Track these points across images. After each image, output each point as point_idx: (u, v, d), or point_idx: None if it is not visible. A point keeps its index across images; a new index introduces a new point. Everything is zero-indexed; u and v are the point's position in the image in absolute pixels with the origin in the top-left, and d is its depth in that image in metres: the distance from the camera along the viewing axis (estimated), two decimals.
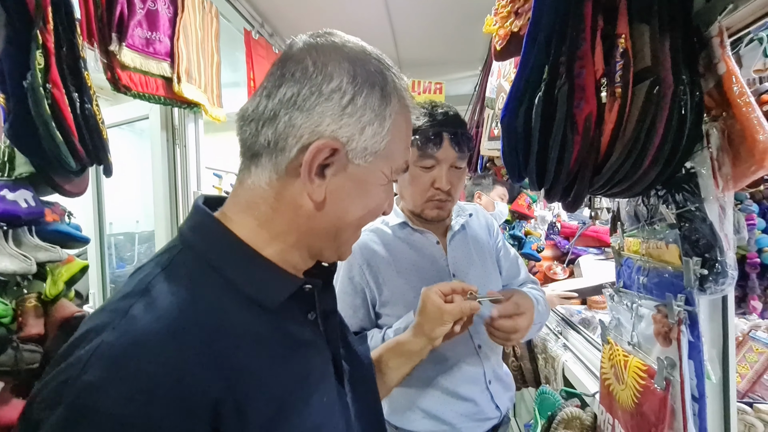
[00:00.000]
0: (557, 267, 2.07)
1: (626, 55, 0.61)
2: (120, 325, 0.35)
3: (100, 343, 0.33)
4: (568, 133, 0.64)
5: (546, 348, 1.50)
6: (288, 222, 0.45)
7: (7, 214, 0.76)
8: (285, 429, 0.40)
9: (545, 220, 2.29)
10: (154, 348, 0.34)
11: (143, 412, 0.31)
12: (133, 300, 0.37)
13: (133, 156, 1.98)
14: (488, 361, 0.92)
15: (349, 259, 0.93)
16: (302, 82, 0.42)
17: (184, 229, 0.45)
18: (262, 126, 0.43)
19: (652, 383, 0.69)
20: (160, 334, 0.35)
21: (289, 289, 0.45)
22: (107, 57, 1.14)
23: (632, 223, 0.84)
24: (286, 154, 0.42)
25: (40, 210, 0.84)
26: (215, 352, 0.37)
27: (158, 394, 0.32)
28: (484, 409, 0.91)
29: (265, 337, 0.42)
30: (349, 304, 0.91)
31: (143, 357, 0.33)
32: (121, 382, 0.31)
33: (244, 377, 0.38)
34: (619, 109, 0.61)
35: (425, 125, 0.88)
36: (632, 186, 0.65)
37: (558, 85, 0.64)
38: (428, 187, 0.89)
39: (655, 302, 0.71)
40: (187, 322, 0.37)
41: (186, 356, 0.34)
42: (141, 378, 0.32)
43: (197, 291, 0.40)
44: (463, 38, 2.26)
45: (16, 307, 0.81)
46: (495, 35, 1.07)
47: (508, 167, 0.77)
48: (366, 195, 0.47)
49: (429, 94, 3.15)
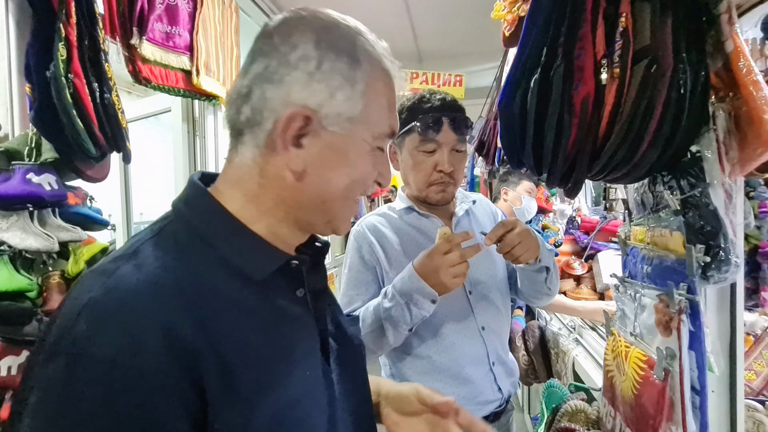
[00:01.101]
0: (575, 262, 2.01)
1: (626, 35, 0.59)
2: (107, 282, 0.36)
3: (89, 299, 0.35)
4: (564, 115, 0.63)
5: (558, 343, 1.47)
6: (274, 196, 0.45)
7: (33, 196, 0.82)
8: (266, 397, 0.41)
9: (564, 214, 2.23)
10: (138, 302, 0.35)
11: (131, 355, 0.33)
12: (122, 262, 0.39)
13: (159, 147, 2.08)
14: (492, 343, 0.93)
15: (359, 239, 0.97)
16: (270, 55, 0.43)
17: (176, 201, 0.47)
18: (241, 104, 0.44)
19: (651, 374, 0.67)
20: (145, 291, 0.36)
21: (275, 264, 0.45)
22: (129, 50, 1.20)
23: (639, 212, 0.81)
24: (263, 128, 0.43)
25: (63, 193, 0.90)
26: (198, 312, 0.38)
27: (144, 339, 0.34)
28: (485, 392, 0.91)
29: (250, 307, 0.43)
30: (361, 281, 0.94)
31: (128, 309, 0.35)
32: (107, 331, 0.34)
33: (226, 340, 0.39)
34: (617, 90, 0.59)
35: (424, 112, 0.91)
36: (632, 170, 0.63)
37: (555, 66, 0.63)
38: (431, 171, 0.92)
39: (657, 291, 0.69)
40: (172, 282, 0.38)
41: (170, 311, 0.36)
42: (126, 327, 0.34)
43: (184, 257, 0.41)
44: (482, 29, 2.21)
45: (41, 283, 0.88)
46: (503, 21, 1.06)
47: (507, 153, 0.76)
48: (348, 163, 0.46)
49: (448, 87, 3.12)
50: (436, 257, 0.78)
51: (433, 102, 0.92)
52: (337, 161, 0.45)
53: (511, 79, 0.70)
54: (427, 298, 0.80)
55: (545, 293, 0.97)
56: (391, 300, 0.82)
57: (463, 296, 0.93)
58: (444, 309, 0.89)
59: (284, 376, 0.43)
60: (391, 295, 0.83)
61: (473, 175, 2.82)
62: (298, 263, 0.48)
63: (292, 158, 0.43)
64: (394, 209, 1.02)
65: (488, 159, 1.93)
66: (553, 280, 0.96)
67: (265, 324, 0.43)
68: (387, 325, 0.82)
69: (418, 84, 3.05)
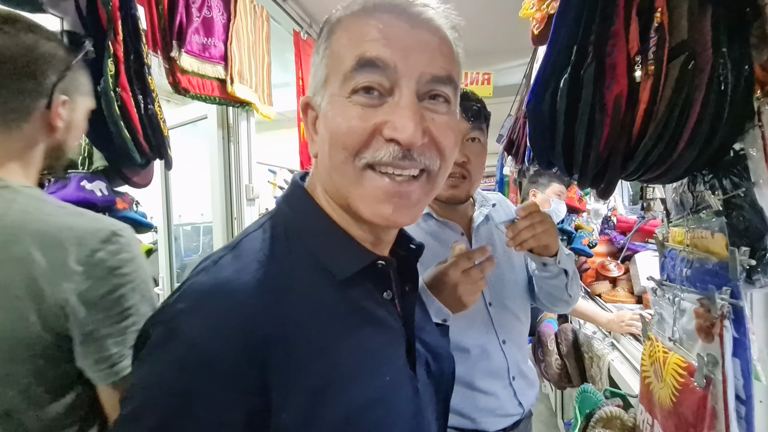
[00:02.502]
0: (611, 264, 1.95)
1: (661, 30, 0.58)
2: (210, 269, 0.40)
3: (193, 282, 0.39)
4: (596, 115, 0.62)
5: (592, 346, 1.42)
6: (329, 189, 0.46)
7: (86, 201, 0.89)
8: (340, 394, 0.40)
9: (599, 214, 2.15)
10: (229, 292, 0.38)
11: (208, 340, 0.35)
12: (225, 252, 0.42)
13: (195, 153, 2.18)
14: (513, 357, 0.89)
15: None
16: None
17: (279, 198, 0.51)
18: None
19: (691, 381, 0.64)
20: (236, 282, 0.38)
21: (359, 263, 0.44)
22: (169, 63, 1.27)
23: (678, 212, 0.78)
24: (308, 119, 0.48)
25: (112, 198, 0.97)
26: (278, 307, 0.39)
27: (222, 327, 0.36)
28: (506, 405, 0.88)
29: (331, 306, 0.42)
30: None
31: (217, 298, 0.37)
32: (196, 313, 0.36)
33: (302, 335, 0.39)
34: (651, 88, 0.57)
35: None
36: (669, 170, 0.61)
37: (585, 65, 0.62)
38: None
39: (697, 295, 0.66)
40: (260, 277, 0.39)
41: (253, 303, 0.38)
42: (212, 314, 0.36)
43: (276, 252, 0.42)
44: (511, 26, 2.17)
45: None
46: (532, 19, 1.04)
47: (536, 154, 0.75)
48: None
49: (476, 86, 3.08)
50: (455, 274, 0.71)
51: None
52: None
53: (540, 79, 0.69)
54: (438, 317, 0.73)
55: (565, 300, 0.92)
56: None
57: (484, 309, 0.89)
58: (464, 323, 0.85)
59: (362, 377, 0.42)
60: None
61: (502, 175, 2.77)
62: (385, 264, 0.46)
63: (312, 144, 0.46)
64: None
65: (518, 158, 1.90)
66: (573, 286, 0.90)
67: (345, 323, 0.43)
68: None
69: None
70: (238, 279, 0.39)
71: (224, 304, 0.37)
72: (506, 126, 2.11)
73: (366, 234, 0.46)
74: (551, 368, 1.64)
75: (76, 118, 0.71)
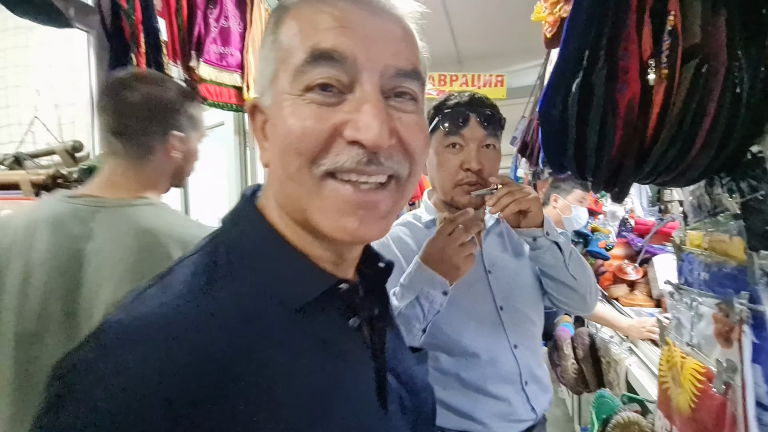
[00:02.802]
0: (628, 267, 1.91)
1: (674, 34, 0.57)
2: (129, 306, 0.33)
3: (106, 320, 0.32)
4: (608, 119, 0.62)
5: (609, 351, 1.40)
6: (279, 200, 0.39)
7: None
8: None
9: (616, 216, 2.12)
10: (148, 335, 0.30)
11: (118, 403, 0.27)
12: (153, 281, 0.35)
13: (213, 159, 2.23)
14: (525, 361, 0.87)
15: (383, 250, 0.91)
16: None
17: (224, 217, 0.41)
18: None
19: (710, 387, 0.63)
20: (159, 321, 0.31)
21: (318, 288, 0.37)
22: (188, 72, 1.31)
23: (696, 215, 0.77)
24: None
25: None
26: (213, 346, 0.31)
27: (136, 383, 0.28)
28: (518, 411, 0.86)
29: (283, 340, 0.35)
30: None
31: (135, 341, 0.30)
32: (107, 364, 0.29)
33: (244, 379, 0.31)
34: (665, 92, 0.57)
35: (450, 107, 0.86)
36: (684, 173, 0.61)
37: (597, 69, 0.62)
38: (457, 170, 0.84)
39: (716, 300, 0.65)
40: (192, 311, 0.32)
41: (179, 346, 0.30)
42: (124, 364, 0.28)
43: (216, 279, 0.34)
44: (523, 27, 2.17)
45: None
46: (544, 22, 1.04)
47: (548, 157, 0.75)
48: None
49: (489, 88, 3.07)
50: (440, 239, 0.74)
51: (460, 98, 0.86)
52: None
53: (551, 84, 0.69)
54: (438, 289, 0.74)
55: (572, 287, 0.86)
56: (401, 299, 0.76)
57: (494, 313, 0.87)
58: (473, 327, 0.85)
59: (319, 420, 0.34)
60: (400, 294, 0.77)
61: (516, 177, 2.75)
62: (348, 287, 0.39)
63: (263, 150, 0.40)
64: (419, 219, 0.95)
65: (532, 160, 1.89)
66: (576, 266, 0.85)
67: (300, 360, 0.35)
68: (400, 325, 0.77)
69: (457, 86, 3.03)
70: (163, 317, 0.31)
71: (139, 351, 0.29)
72: (520, 128, 2.10)
73: (326, 253, 0.39)
74: (567, 373, 1.62)
75: (191, 148, 0.86)
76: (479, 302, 0.87)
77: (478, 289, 0.88)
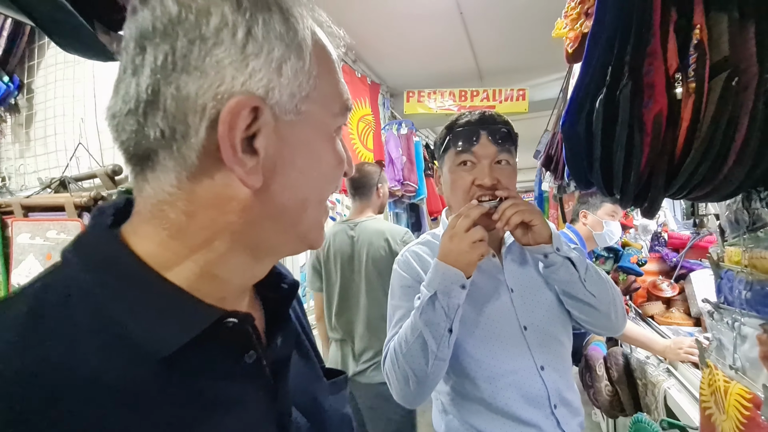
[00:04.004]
0: (663, 283, 1.83)
1: (701, 47, 0.57)
2: None
3: None
4: (635, 134, 0.61)
5: (646, 372, 1.34)
6: (211, 224, 0.32)
7: None
8: None
9: (648, 230, 2.04)
10: None
11: None
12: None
13: None
14: (553, 384, 0.83)
15: (403, 267, 0.92)
16: (172, 34, 0.29)
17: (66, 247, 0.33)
18: (144, 115, 0.29)
19: (758, 414, 0.59)
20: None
21: (195, 327, 0.30)
22: None
23: (734, 230, 0.74)
24: (192, 140, 0.29)
25: None
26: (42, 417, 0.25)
27: None
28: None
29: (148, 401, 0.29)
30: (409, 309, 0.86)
31: None
32: None
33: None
34: (693, 106, 0.56)
35: (461, 126, 0.86)
36: (718, 188, 0.59)
37: (621, 85, 0.61)
38: (470, 187, 0.84)
39: (760, 320, 0.62)
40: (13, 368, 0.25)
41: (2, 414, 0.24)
42: None
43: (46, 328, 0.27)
44: (544, 40, 2.16)
45: None
46: (565, 38, 1.04)
47: (574, 174, 0.74)
48: (314, 159, 0.35)
49: (511, 102, 3.06)
50: (448, 232, 0.78)
51: (471, 117, 0.87)
52: (303, 158, 0.34)
53: (574, 101, 0.69)
54: (455, 282, 0.75)
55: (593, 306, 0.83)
56: (422, 301, 0.77)
57: (518, 333, 0.84)
58: (497, 348, 0.83)
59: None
60: (422, 297, 0.78)
61: (541, 191, 2.70)
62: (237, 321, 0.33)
63: (247, 170, 0.30)
64: (438, 237, 0.95)
65: (557, 174, 1.85)
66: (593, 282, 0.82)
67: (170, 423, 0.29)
68: (425, 330, 0.75)
69: (478, 102, 3.03)
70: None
71: None
72: (543, 141, 2.07)
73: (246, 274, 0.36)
74: (601, 395, 1.55)
75: (386, 193, 1.78)
76: (501, 322, 0.85)
77: (500, 309, 0.86)
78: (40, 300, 0.29)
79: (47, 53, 1.44)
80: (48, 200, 1.23)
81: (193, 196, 0.31)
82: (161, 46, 0.29)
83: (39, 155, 1.45)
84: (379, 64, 2.95)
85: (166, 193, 0.31)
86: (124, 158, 0.32)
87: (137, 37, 0.30)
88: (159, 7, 0.29)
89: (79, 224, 1.12)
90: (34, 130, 1.49)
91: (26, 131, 1.51)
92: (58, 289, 0.30)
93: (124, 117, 0.30)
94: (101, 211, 0.35)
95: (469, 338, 0.82)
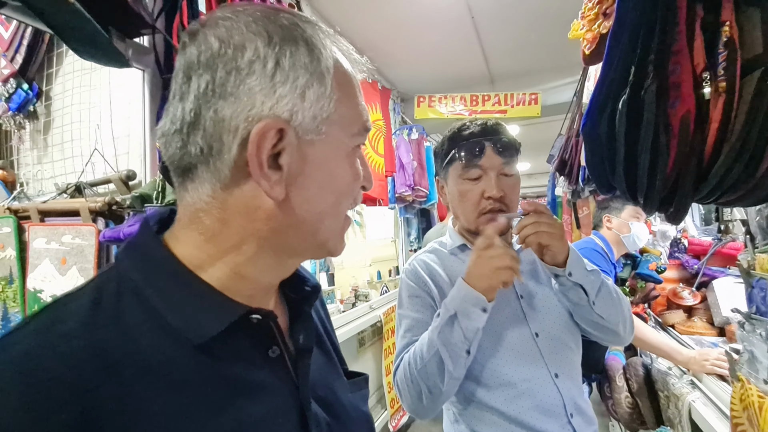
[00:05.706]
0: (684, 291, 1.77)
1: (731, 45, 0.54)
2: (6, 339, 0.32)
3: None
4: (661, 136, 0.58)
5: (668, 384, 1.29)
6: (241, 231, 0.37)
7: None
8: None
9: (667, 236, 1.99)
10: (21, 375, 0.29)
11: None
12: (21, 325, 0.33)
13: None
14: (568, 392, 0.81)
15: (411, 277, 0.92)
16: (213, 66, 0.34)
17: (119, 249, 0.40)
18: (188, 134, 0.35)
19: None
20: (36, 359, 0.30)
21: (222, 321, 0.36)
22: None
23: (765, 237, 0.70)
24: (225, 156, 0.35)
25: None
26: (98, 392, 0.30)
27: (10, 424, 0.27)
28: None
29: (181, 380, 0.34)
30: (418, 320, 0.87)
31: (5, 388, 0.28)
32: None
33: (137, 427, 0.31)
34: (724, 106, 0.54)
35: (465, 138, 0.86)
36: (751, 192, 0.56)
37: (645, 85, 0.59)
38: (479, 199, 0.85)
39: None
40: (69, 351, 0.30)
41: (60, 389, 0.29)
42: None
43: (98, 318, 0.33)
44: (557, 44, 2.14)
45: None
46: (583, 39, 1.02)
47: (596, 178, 0.72)
48: (333, 174, 0.39)
49: (523, 106, 3.03)
50: (475, 253, 0.76)
51: (473, 128, 0.87)
52: (322, 175, 0.38)
53: (595, 102, 0.67)
54: (476, 306, 0.73)
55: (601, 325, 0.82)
56: (441, 319, 0.76)
57: (530, 340, 0.83)
58: (510, 356, 0.81)
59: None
60: (442, 313, 0.77)
61: (554, 196, 2.66)
62: (261, 318, 0.38)
63: (272, 184, 0.35)
64: (445, 246, 0.96)
65: (571, 178, 1.82)
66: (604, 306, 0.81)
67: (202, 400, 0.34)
68: (443, 350, 0.74)
69: (490, 106, 3.01)
70: (29, 362, 0.29)
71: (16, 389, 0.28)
72: (557, 146, 2.04)
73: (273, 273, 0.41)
74: (620, 407, 1.50)
75: None
76: (512, 329, 0.84)
77: (511, 316, 0.85)
78: (99, 293, 0.35)
79: (65, 61, 1.47)
80: (63, 205, 1.24)
81: (226, 205, 0.36)
82: (204, 76, 0.35)
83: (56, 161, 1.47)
84: (390, 68, 2.95)
85: (203, 202, 0.37)
86: (171, 171, 0.38)
87: (185, 68, 0.36)
88: (203, 43, 0.35)
89: (93, 229, 1.13)
90: (51, 137, 1.51)
91: (44, 137, 1.53)
92: (113, 284, 0.35)
93: (171, 135, 0.36)
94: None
95: (481, 345, 0.80)
